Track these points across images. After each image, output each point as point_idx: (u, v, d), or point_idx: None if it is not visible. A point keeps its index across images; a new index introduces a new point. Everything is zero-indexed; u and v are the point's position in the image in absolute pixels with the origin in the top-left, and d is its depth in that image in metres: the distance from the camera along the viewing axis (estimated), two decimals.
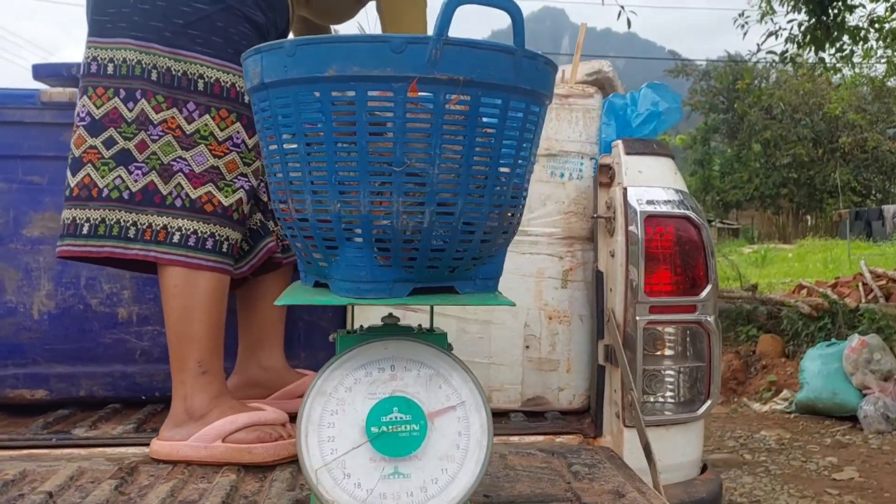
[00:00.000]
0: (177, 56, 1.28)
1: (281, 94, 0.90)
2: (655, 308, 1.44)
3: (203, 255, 1.28)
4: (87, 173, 1.30)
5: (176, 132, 1.29)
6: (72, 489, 1.15)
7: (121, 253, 1.28)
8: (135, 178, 1.28)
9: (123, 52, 1.29)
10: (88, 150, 1.30)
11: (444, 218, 0.91)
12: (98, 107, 1.29)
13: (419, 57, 0.85)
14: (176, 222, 1.28)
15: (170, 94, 1.28)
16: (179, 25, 1.28)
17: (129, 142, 1.29)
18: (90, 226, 1.29)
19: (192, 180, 1.29)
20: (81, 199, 1.30)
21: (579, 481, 1.21)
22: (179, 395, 1.29)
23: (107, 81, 1.29)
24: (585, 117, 1.63)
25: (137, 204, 1.28)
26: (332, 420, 0.96)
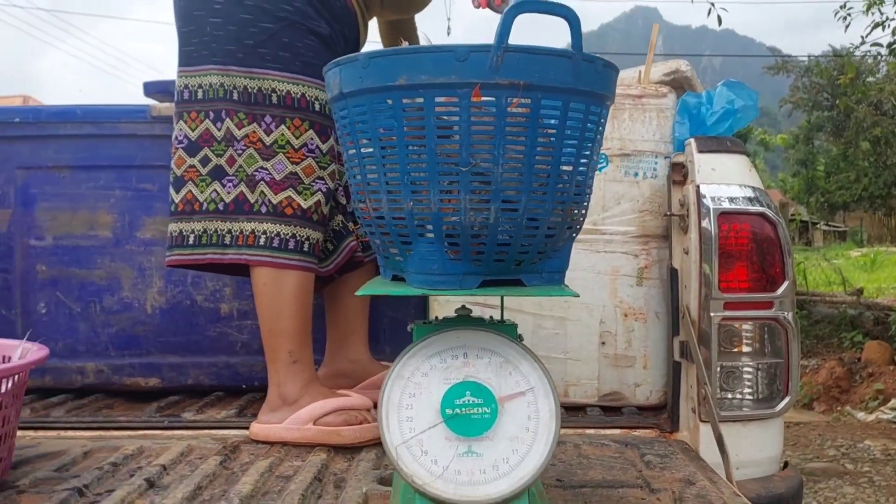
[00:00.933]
0: (251, 74, 1.40)
1: (358, 103, 0.99)
2: (730, 304, 1.45)
3: (287, 255, 1.40)
4: (188, 190, 1.44)
5: (257, 144, 1.41)
6: (182, 463, 1.28)
7: (219, 258, 1.42)
8: (227, 191, 1.41)
9: (209, 77, 1.42)
10: (188, 169, 1.44)
11: (509, 214, 0.97)
12: (193, 129, 1.43)
13: (481, 64, 0.91)
14: (262, 226, 1.40)
15: (249, 110, 1.41)
16: (250, 46, 1.40)
17: (220, 158, 1.42)
18: (195, 236, 1.43)
19: (272, 187, 1.41)
20: (186, 213, 1.44)
21: (651, 470, 1.24)
22: (274, 383, 1.41)
23: (198, 106, 1.43)
24: (659, 117, 1.65)
25: (231, 213, 1.41)
26: (410, 402, 1.03)
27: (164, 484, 1.18)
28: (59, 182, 1.79)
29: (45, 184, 1.79)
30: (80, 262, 1.79)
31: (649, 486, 1.16)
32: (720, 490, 1.15)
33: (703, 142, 1.52)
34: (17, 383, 1.15)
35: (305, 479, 1.18)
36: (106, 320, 1.79)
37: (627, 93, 1.67)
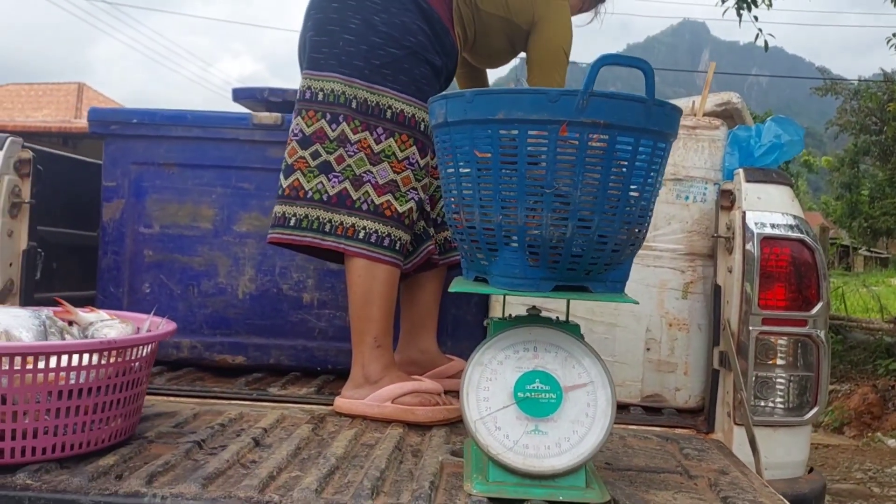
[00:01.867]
0: (372, 90, 1.61)
1: (461, 131, 1.18)
2: (768, 320, 1.61)
3: (381, 251, 1.60)
4: (296, 178, 1.64)
5: (367, 150, 1.61)
6: (278, 428, 1.49)
7: (318, 243, 1.62)
8: (332, 185, 1.61)
9: (332, 83, 1.62)
10: (299, 159, 1.64)
11: (583, 231, 1.15)
12: (308, 126, 1.64)
13: (570, 105, 1.10)
14: (362, 222, 1.60)
15: (365, 119, 1.61)
16: (376, 65, 1.60)
17: (330, 155, 1.62)
18: (296, 219, 1.64)
19: (376, 189, 1.61)
20: (291, 198, 1.65)
21: (689, 460, 1.41)
22: (359, 363, 1.61)
23: (317, 106, 1.64)
24: (711, 146, 1.82)
25: (333, 205, 1.61)
26: (487, 385, 1.22)
27: (268, 443, 1.38)
28: (168, 177, 2.01)
29: (155, 178, 2.01)
30: (182, 249, 2.01)
31: (688, 473, 1.33)
32: (751, 480, 1.31)
33: (751, 172, 1.68)
34: (150, 352, 1.36)
35: (388, 447, 1.37)
36: (201, 302, 2.01)
37: (682, 123, 1.83)
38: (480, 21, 1.79)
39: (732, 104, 2.18)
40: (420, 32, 1.64)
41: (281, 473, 1.22)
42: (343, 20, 1.63)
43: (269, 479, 1.18)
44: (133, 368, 1.29)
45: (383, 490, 1.18)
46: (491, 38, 1.83)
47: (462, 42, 1.80)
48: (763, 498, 1.21)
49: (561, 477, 1.17)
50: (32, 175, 1.80)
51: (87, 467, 1.17)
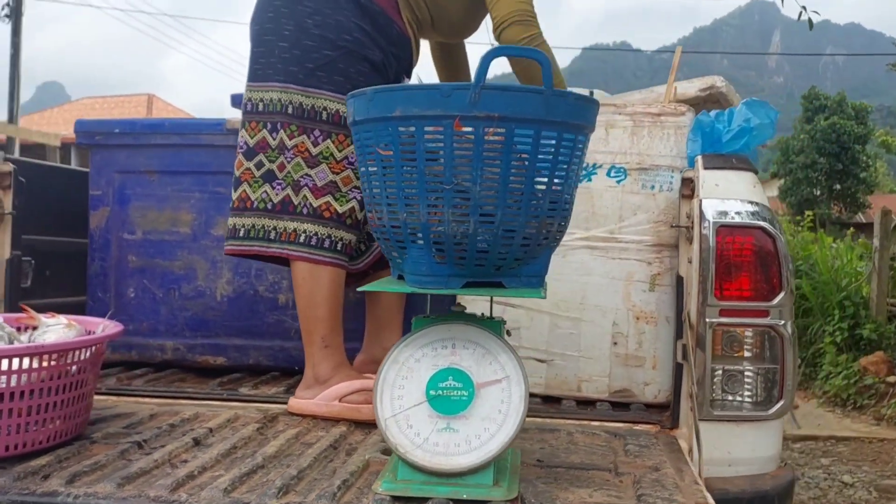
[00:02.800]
0: (307, 93, 1.62)
1: (366, 129, 1.18)
2: (726, 311, 1.55)
3: (321, 253, 1.61)
4: (243, 189, 1.67)
5: (304, 154, 1.63)
6: (227, 428, 1.52)
7: (263, 251, 1.65)
8: (276, 192, 1.63)
9: (270, 93, 1.64)
10: (245, 171, 1.67)
11: (487, 226, 1.13)
12: (252, 137, 1.67)
13: (462, 99, 1.08)
14: (303, 226, 1.61)
15: (301, 123, 1.63)
16: (310, 69, 1.62)
17: (272, 164, 1.64)
18: (244, 230, 1.66)
19: (314, 192, 1.62)
20: (240, 210, 1.68)
21: (626, 457, 1.38)
22: (309, 364, 1.63)
23: (258, 117, 1.66)
24: (677, 133, 1.76)
25: (277, 212, 1.64)
26: (402, 383, 1.21)
27: (208, 443, 1.41)
28: (148, 185, 2.07)
29: (137, 186, 2.08)
30: (163, 254, 2.07)
31: (616, 470, 1.29)
32: (682, 478, 1.27)
33: (710, 159, 1.62)
34: (95, 353, 1.41)
35: (323, 445, 1.39)
36: (183, 305, 2.06)
37: (647, 111, 1.78)
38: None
39: (716, 88, 2.11)
40: (356, 29, 1.64)
41: (203, 473, 1.25)
42: (277, 28, 1.64)
43: (186, 479, 1.20)
44: (70, 371, 1.33)
45: (295, 489, 1.19)
46: (447, 11, 1.79)
47: (418, 27, 1.77)
48: (680, 496, 1.17)
49: (468, 475, 1.16)
50: (14, 186, 1.89)
51: (17, 468, 1.22)
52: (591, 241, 1.79)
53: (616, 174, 1.78)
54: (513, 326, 1.81)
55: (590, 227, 1.79)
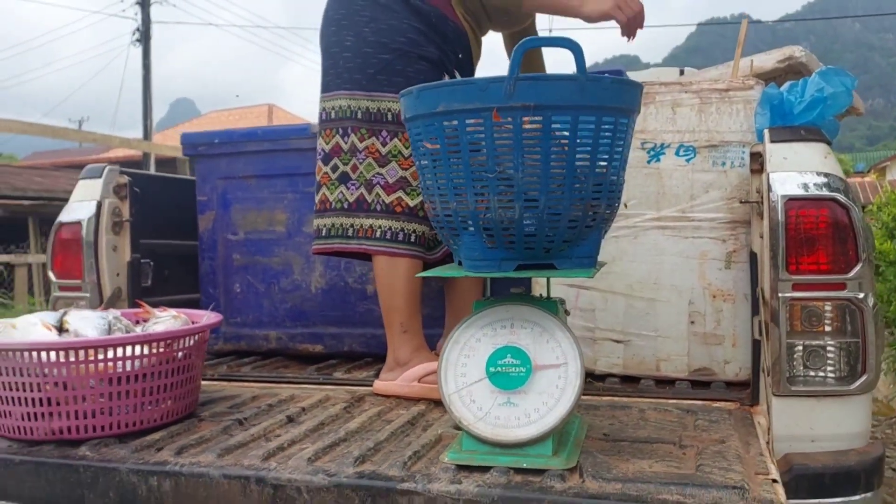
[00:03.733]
0: (372, 97, 1.74)
1: (416, 125, 1.26)
2: (800, 286, 1.53)
3: (397, 246, 1.72)
4: (322, 192, 1.81)
5: (375, 154, 1.74)
6: (318, 407, 1.65)
7: (344, 247, 1.79)
8: (351, 192, 1.76)
9: (339, 101, 1.78)
10: (323, 175, 1.81)
11: (532, 211, 1.19)
12: (326, 143, 1.81)
13: (499, 92, 1.15)
14: (378, 222, 1.73)
15: (370, 126, 1.74)
16: (371, 74, 1.73)
17: (346, 166, 1.77)
18: (326, 229, 1.80)
19: (385, 189, 1.73)
20: (321, 211, 1.82)
21: (693, 431, 1.39)
22: (391, 349, 1.74)
23: (331, 124, 1.80)
24: (746, 108, 1.74)
25: (353, 211, 1.76)
26: (465, 361, 1.29)
27: (300, 420, 1.55)
28: (247, 188, 2.26)
29: (237, 190, 2.27)
30: (263, 251, 2.25)
31: (681, 443, 1.32)
32: (747, 450, 1.28)
33: (777, 132, 1.59)
34: (199, 340, 1.58)
35: (401, 422, 1.49)
36: (283, 298, 2.23)
37: (714, 87, 1.77)
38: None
39: (795, 58, 2.05)
40: (410, 30, 1.74)
41: (292, 446, 1.38)
42: (340, 41, 1.78)
43: (277, 450, 1.34)
44: (177, 357, 1.51)
45: (371, 459, 1.29)
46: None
47: (474, 20, 1.86)
48: (740, 466, 1.18)
49: (528, 446, 1.22)
50: (130, 196, 2.11)
51: (135, 442, 1.40)
52: (662, 220, 1.79)
53: (685, 153, 1.78)
54: (587, 308, 1.85)
55: (661, 208, 1.80)
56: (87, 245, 2.01)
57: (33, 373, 1.37)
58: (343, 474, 1.21)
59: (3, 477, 1.37)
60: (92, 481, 1.31)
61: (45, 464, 1.34)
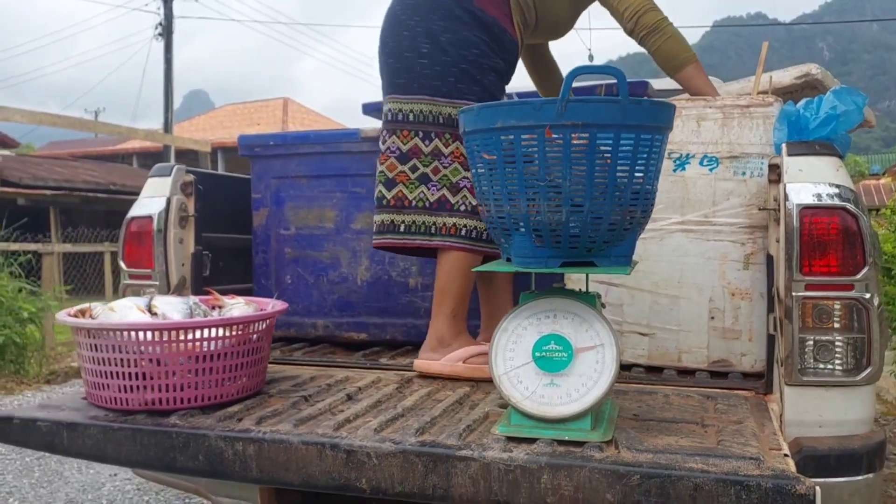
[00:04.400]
0: (454, 104, 1.91)
1: (474, 138, 1.44)
2: (812, 286, 1.69)
3: (480, 244, 1.94)
4: (399, 189, 1.98)
5: (460, 159, 1.93)
6: (372, 388, 1.83)
7: (427, 243, 1.96)
8: (432, 193, 1.95)
9: (419, 105, 1.95)
10: (399, 173, 1.98)
11: (577, 215, 1.37)
12: (405, 144, 1.97)
13: (551, 112, 1.32)
14: (462, 221, 1.93)
15: (454, 132, 1.91)
16: (452, 82, 1.91)
17: (426, 168, 1.95)
18: (405, 225, 1.98)
19: (471, 191, 1.92)
20: (397, 207, 1.98)
21: (714, 414, 1.56)
22: (433, 330, 1.94)
23: (409, 126, 1.96)
24: (765, 123, 1.90)
25: (435, 210, 1.95)
26: (513, 346, 1.47)
27: (358, 398, 1.73)
28: (299, 187, 2.44)
29: (290, 189, 2.45)
30: (313, 246, 2.43)
31: (703, 423, 1.49)
32: (762, 430, 1.45)
33: (794, 146, 1.76)
34: (269, 325, 1.76)
35: (450, 401, 1.67)
36: (330, 289, 2.41)
37: (736, 103, 1.93)
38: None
39: (812, 75, 2.20)
40: (481, 43, 1.92)
41: (357, 419, 1.56)
42: (415, 46, 1.93)
43: (345, 422, 1.52)
44: (252, 339, 1.69)
45: (429, 431, 1.47)
46: (554, 9, 2.05)
47: (523, 30, 2.03)
48: (756, 442, 1.35)
49: (569, 421, 1.40)
50: (195, 193, 2.30)
51: (217, 413, 1.58)
52: (686, 224, 1.96)
53: (708, 163, 1.95)
54: (616, 303, 2.02)
55: (685, 213, 1.96)
56: (158, 237, 2.20)
57: (131, 350, 1.56)
58: (407, 442, 1.39)
59: (103, 442, 1.55)
60: (183, 446, 1.50)
61: (141, 430, 1.53)
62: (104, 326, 1.56)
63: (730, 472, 1.22)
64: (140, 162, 16.88)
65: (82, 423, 1.57)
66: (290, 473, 1.43)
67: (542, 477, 1.29)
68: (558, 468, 1.29)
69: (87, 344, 1.59)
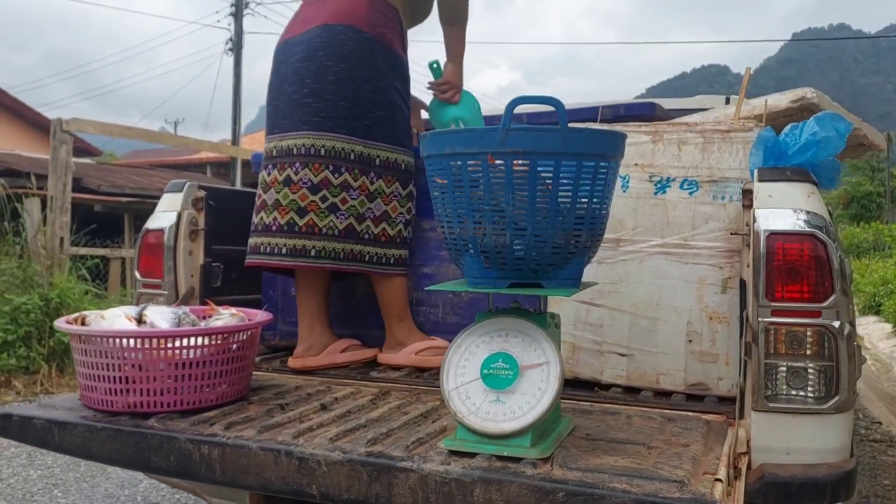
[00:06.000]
0: (365, 143, 2.15)
1: (430, 163, 1.51)
2: (779, 312, 1.68)
3: (384, 268, 2.20)
4: (310, 217, 2.15)
5: (365, 192, 2.14)
6: (349, 398, 1.91)
7: (340, 267, 2.19)
8: (340, 221, 2.14)
9: (333, 142, 2.14)
10: (311, 203, 2.15)
11: (520, 238, 1.42)
12: (315, 175, 2.15)
13: (494, 139, 1.38)
14: (367, 248, 2.18)
15: (362, 168, 2.15)
16: (367, 125, 2.16)
17: (335, 198, 2.15)
18: (316, 251, 2.17)
19: (374, 221, 2.15)
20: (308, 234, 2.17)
21: (665, 436, 1.58)
22: (389, 334, 2.24)
23: (320, 160, 2.14)
24: (745, 148, 1.91)
25: (343, 237, 2.16)
26: (465, 363, 1.52)
27: (332, 408, 1.81)
28: None
29: None
30: None
31: (649, 444, 1.51)
32: (706, 454, 1.46)
33: (765, 172, 1.76)
34: (251, 335, 1.86)
35: (415, 414, 1.73)
36: (331, 302, 2.50)
37: (717, 128, 1.94)
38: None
39: (807, 99, 2.19)
40: (393, 88, 2.20)
41: (320, 428, 1.64)
42: (339, 90, 2.14)
43: (306, 430, 1.60)
44: (232, 348, 1.79)
45: (382, 442, 1.54)
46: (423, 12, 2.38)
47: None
48: (690, 465, 1.37)
49: (511, 437, 1.44)
50: (205, 208, 2.43)
51: (193, 417, 1.69)
52: (665, 247, 1.98)
53: (688, 186, 1.96)
54: (596, 323, 2.05)
55: (665, 235, 1.98)
56: (168, 249, 2.34)
57: (116, 355, 1.68)
58: (355, 452, 1.46)
59: (89, 440, 1.68)
60: (157, 447, 1.60)
61: (120, 431, 1.65)
62: (92, 333, 1.69)
63: (650, 493, 1.24)
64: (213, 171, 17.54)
65: (71, 422, 1.70)
66: (249, 477, 1.52)
67: (475, 490, 1.34)
68: (490, 482, 1.33)
69: (79, 349, 1.73)
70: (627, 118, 2.42)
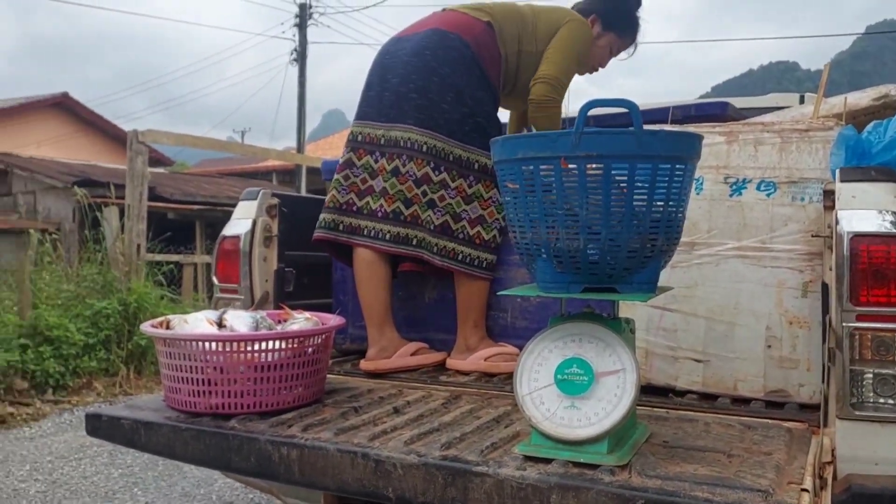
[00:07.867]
0: (465, 148, 2.18)
1: (501, 168, 1.51)
2: (864, 317, 1.62)
3: (474, 269, 2.19)
4: (414, 209, 2.21)
5: (462, 193, 2.17)
6: (421, 402, 1.92)
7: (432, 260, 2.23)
8: (437, 217, 2.17)
9: (434, 141, 2.18)
10: (415, 195, 2.21)
11: (595, 242, 1.41)
12: (419, 170, 2.20)
13: (567, 143, 1.37)
14: (460, 247, 2.18)
15: (460, 171, 2.17)
16: (466, 130, 2.20)
17: (434, 195, 2.19)
18: (417, 240, 2.24)
19: (469, 223, 2.16)
20: (409, 223, 2.23)
21: (746, 444, 1.54)
22: (461, 337, 2.25)
23: (422, 156, 2.19)
24: (825, 147, 1.84)
25: (438, 233, 2.19)
26: (538, 368, 1.52)
27: (405, 411, 1.83)
28: None
29: None
30: None
31: (730, 452, 1.48)
32: (790, 462, 1.42)
33: (848, 172, 1.70)
34: (325, 339, 1.90)
35: (488, 418, 1.74)
36: (400, 305, 2.53)
37: (795, 127, 1.89)
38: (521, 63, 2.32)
39: (891, 97, 2.10)
40: (488, 102, 2.25)
41: (394, 431, 1.66)
42: (441, 92, 2.18)
43: (381, 434, 1.62)
44: (307, 352, 1.83)
45: (456, 446, 1.55)
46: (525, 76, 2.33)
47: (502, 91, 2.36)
48: (774, 474, 1.33)
49: (587, 444, 1.43)
50: (279, 215, 2.49)
51: (272, 419, 1.73)
52: (742, 250, 1.93)
53: (766, 188, 1.91)
54: (670, 328, 2.01)
55: (741, 238, 1.93)
56: (243, 256, 2.41)
57: (199, 358, 1.74)
58: (430, 456, 1.47)
59: (173, 440, 1.74)
60: (238, 447, 1.65)
61: (204, 431, 1.70)
62: (176, 337, 1.75)
63: (734, 502, 1.22)
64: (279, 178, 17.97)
65: (157, 423, 1.76)
66: (326, 478, 1.55)
67: (552, 496, 1.33)
68: (567, 489, 1.33)
69: (163, 352, 1.79)
70: (699, 118, 2.38)
